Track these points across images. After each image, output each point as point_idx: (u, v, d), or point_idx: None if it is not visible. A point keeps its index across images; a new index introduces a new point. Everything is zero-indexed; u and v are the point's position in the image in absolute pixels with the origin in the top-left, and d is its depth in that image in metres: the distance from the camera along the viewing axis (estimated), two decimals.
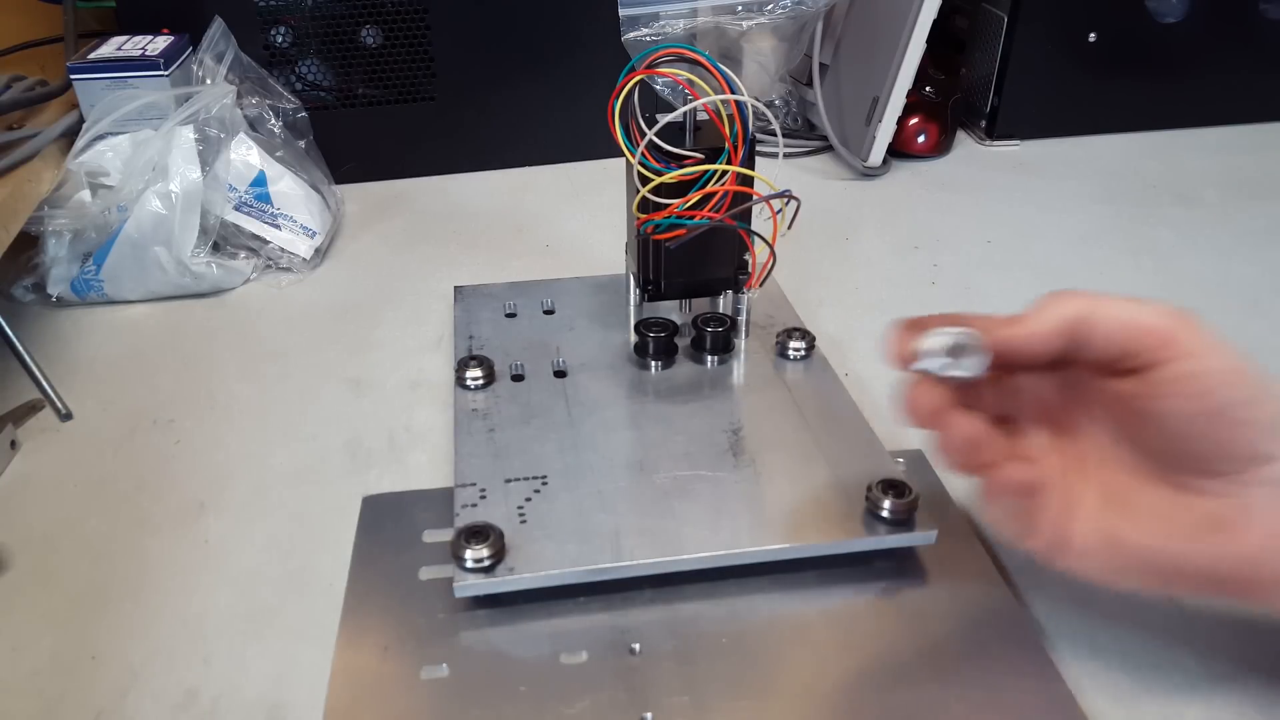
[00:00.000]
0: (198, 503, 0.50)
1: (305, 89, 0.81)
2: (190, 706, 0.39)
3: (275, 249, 0.70)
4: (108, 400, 0.58)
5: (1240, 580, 0.34)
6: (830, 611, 0.42)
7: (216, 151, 0.67)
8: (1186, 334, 0.34)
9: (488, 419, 0.50)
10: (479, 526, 0.42)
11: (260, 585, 0.45)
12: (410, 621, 0.41)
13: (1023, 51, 0.89)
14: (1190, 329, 0.34)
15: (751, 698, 0.38)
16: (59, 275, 0.66)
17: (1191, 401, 0.34)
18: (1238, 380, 0.33)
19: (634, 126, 0.48)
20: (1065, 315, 0.35)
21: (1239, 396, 0.33)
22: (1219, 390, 0.33)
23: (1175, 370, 0.33)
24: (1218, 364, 0.33)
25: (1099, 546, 0.36)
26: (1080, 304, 0.35)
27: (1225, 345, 0.34)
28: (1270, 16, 0.91)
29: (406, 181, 0.86)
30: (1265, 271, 0.70)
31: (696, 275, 0.54)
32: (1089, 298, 0.35)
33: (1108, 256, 0.73)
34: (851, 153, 0.86)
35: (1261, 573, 0.34)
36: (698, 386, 0.53)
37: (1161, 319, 0.34)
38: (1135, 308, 0.34)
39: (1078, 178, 0.86)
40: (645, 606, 0.42)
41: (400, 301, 0.68)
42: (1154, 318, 0.34)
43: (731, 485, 0.46)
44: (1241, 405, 0.33)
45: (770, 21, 0.85)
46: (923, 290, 0.68)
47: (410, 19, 0.81)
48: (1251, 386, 0.33)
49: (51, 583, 0.45)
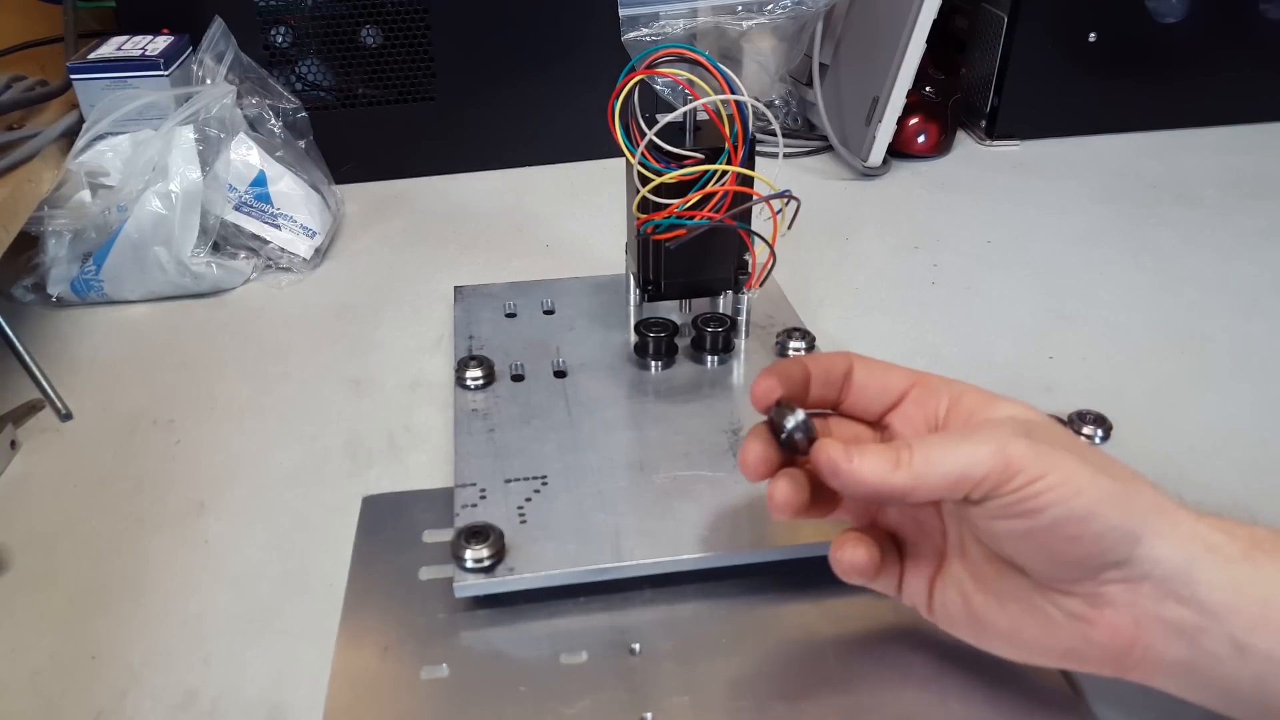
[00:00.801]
0: (198, 503, 0.50)
1: (305, 89, 0.81)
2: (190, 707, 0.39)
3: (275, 249, 0.70)
4: (108, 400, 0.58)
5: (1104, 662, 0.34)
6: (830, 611, 0.42)
7: (216, 151, 0.67)
8: (1011, 467, 0.32)
9: (488, 419, 0.50)
10: (479, 526, 0.42)
11: (260, 585, 0.45)
12: (410, 621, 0.41)
13: (1023, 51, 0.89)
14: (1016, 455, 0.32)
15: (751, 698, 0.38)
16: (59, 275, 0.66)
17: (1016, 523, 0.32)
18: (1066, 497, 0.32)
19: (634, 126, 0.48)
20: (902, 483, 0.33)
21: (1069, 513, 0.32)
22: (1044, 511, 0.32)
23: (1000, 501, 0.32)
24: (1047, 484, 0.32)
25: (961, 616, 0.36)
26: (911, 471, 0.33)
27: (1056, 459, 0.32)
28: (1270, 16, 0.91)
29: (406, 181, 0.86)
30: (1265, 271, 0.70)
31: (696, 275, 0.54)
32: (917, 456, 0.33)
33: (1108, 256, 0.73)
34: (851, 153, 0.86)
35: (1126, 658, 0.33)
36: (698, 386, 0.53)
37: (982, 465, 0.32)
38: (958, 456, 0.32)
39: (1078, 178, 0.86)
40: (645, 606, 0.42)
41: (400, 301, 0.68)
42: (977, 468, 0.32)
43: (731, 485, 0.46)
44: (1072, 522, 0.32)
45: (770, 21, 0.84)
46: (923, 290, 0.68)
47: (410, 19, 0.81)
48: (1082, 501, 0.32)
49: (51, 583, 0.45)
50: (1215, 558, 0.32)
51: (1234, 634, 0.32)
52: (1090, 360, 0.60)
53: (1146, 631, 0.33)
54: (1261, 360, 0.60)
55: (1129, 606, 0.33)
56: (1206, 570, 0.32)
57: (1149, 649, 0.33)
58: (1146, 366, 0.60)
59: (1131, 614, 0.33)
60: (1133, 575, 0.33)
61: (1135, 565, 0.32)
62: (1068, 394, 0.57)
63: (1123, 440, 0.52)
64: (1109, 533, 0.32)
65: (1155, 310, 0.66)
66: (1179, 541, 0.32)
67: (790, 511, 0.36)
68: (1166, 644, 0.33)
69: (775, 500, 0.36)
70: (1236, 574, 0.32)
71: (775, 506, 0.36)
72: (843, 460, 0.34)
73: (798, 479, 0.36)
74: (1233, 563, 0.32)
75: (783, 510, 0.36)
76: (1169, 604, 0.32)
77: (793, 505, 0.36)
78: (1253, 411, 0.56)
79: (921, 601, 0.37)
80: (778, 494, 0.36)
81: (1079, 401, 0.54)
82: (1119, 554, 0.32)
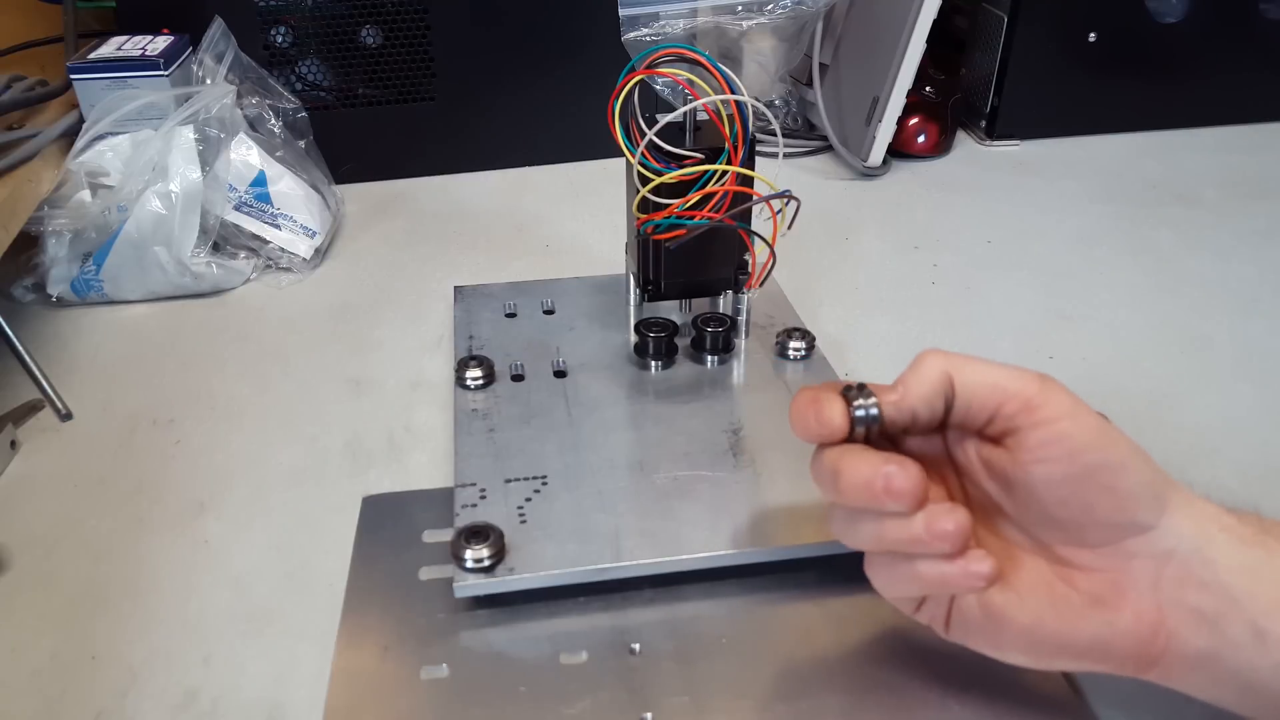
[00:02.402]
0: (198, 503, 0.50)
1: (305, 89, 0.81)
2: (190, 707, 0.39)
3: (275, 249, 0.70)
4: (108, 400, 0.58)
5: (1126, 656, 0.33)
6: (830, 611, 0.42)
7: (216, 151, 0.67)
8: (1048, 398, 0.33)
9: (488, 419, 0.50)
10: (479, 526, 0.42)
11: (260, 585, 0.45)
12: (410, 621, 0.41)
13: (1023, 51, 0.89)
14: (1052, 393, 0.33)
15: (751, 698, 0.38)
16: (59, 275, 0.66)
17: (1056, 466, 0.33)
18: (1104, 444, 0.32)
19: (634, 126, 0.48)
20: (935, 377, 0.34)
21: (1105, 460, 0.32)
22: (1083, 454, 0.32)
23: (1039, 435, 0.33)
24: (1081, 427, 0.32)
25: (980, 621, 0.35)
26: (949, 364, 0.34)
27: (1089, 410, 0.33)
28: (1270, 16, 0.91)
29: (406, 181, 0.86)
30: (1265, 271, 0.70)
31: (696, 275, 0.54)
32: (953, 359, 0.34)
33: (1108, 256, 0.73)
34: (851, 153, 0.86)
35: (1149, 650, 0.33)
36: (698, 386, 0.53)
37: (1021, 383, 0.33)
38: (996, 371, 0.34)
39: (1078, 178, 0.86)
40: (645, 606, 0.42)
41: (400, 301, 0.68)
42: (1014, 381, 0.33)
43: (731, 485, 0.46)
44: (1108, 470, 0.32)
45: (770, 21, 0.84)
46: (923, 290, 0.68)
47: (410, 19, 0.81)
48: (1118, 451, 0.33)
49: (51, 583, 0.45)
50: (1230, 538, 0.33)
51: (1255, 620, 0.32)
52: (1090, 360, 0.60)
53: (1170, 618, 0.33)
54: (1261, 360, 0.60)
55: (1152, 590, 0.33)
56: (1223, 550, 0.32)
57: (1172, 637, 0.33)
58: (1146, 366, 0.60)
59: (1154, 598, 0.33)
60: (1156, 549, 0.33)
61: (1160, 537, 0.33)
62: None
63: None
64: (1141, 489, 0.33)
65: (1155, 310, 0.66)
66: (1195, 518, 0.33)
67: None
68: (1190, 632, 0.33)
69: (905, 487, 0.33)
70: (1252, 557, 0.32)
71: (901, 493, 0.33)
72: (888, 394, 0.35)
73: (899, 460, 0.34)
74: (1247, 545, 0.32)
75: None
76: (1190, 587, 0.32)
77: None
78: (1253, 411, 0.56)
79: (940, 615, 0.36)
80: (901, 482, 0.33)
81: None
82: (1147, 516, 0.33)
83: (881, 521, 0.34)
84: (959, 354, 0.35)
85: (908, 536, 0.33)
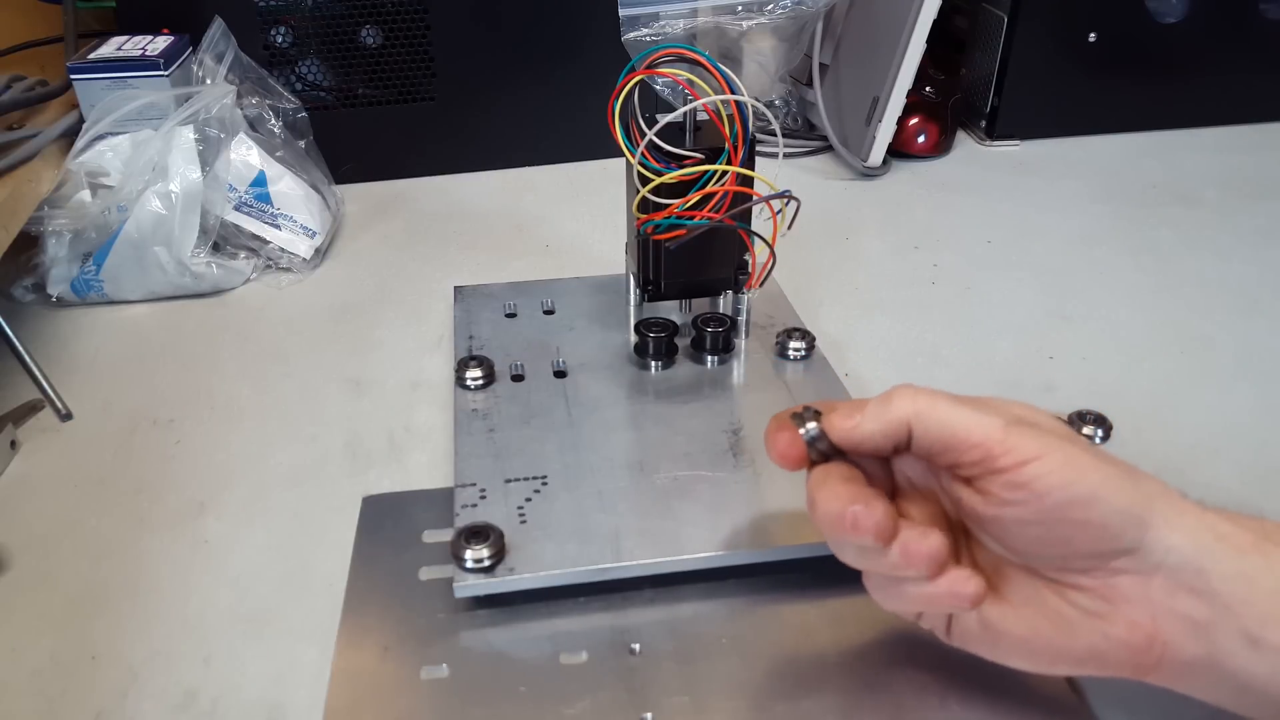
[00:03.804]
0: (198, 503, 0.50)
1: (305, 89, 0.81)
2: (190, 707, 0.39)
3: (275, 249, 0.70)
4: (108, 400, 0.58)
5: (1124, 663, 0.34)
6: (829, 611, 0.42)
7: (216, 151, 0.67)
8: (1012, 445, 0.32)
9: (488, 419, 0.50)
10: (479, 526, 0.42)
11: (260, 585, 0.45)
12: (410, 621, 0.41)
13: (1023, 51, 0.89)
14: (1018, 438, 0.32)
15: (751, 698, 0.38)
16: (59, 275, 0.66)
17: (1024, 508, 0.32)
18: (1070, 481, 0.32)
19: (634, 126, 0.48)
20: (894, 418, 0.34)
21: (1073, 497, 0.32)
22: (1049, 494, 0.32)
23: (1002, 480, 0.32)
24: (1048, 468, 0.32)
25: (978, 632, 0.35)
26: (914, 406, 0.34)
27: (1060, 443, 0.32)
28: (1270, 16, 0.91)
29: (406, 181, 0.86)
30: (1265, 271, 0.70)
31: (696, 275, 0.54)
32: (921, 399, 0.34)
33: (1108, 256, 0.73)
34: (851, 153, 0.86)
35: (1146, 657, 0.33)
36: (698, 387, 0.53)
37: (983, 432, 0.33)
38: (961, 418, 0.33)
39: (1078, 178, 0.86)
40: (645, 606, 0.42)
41: (400, 301, 0.68)
42: (976, 431, 0.33)
43: (731, 485, 0.46)
44: (1078, 505, 0.32)
45: (770, 21, 0.84)
46: (923, 290, 0.68)
47: (410, 19, 0.81)
48: (1087, 485, 0.32)
49: (51, 583, 0.45)
50: (1226, 547, 0.32)
51: (1247, 628, 0.31)
52: (1090, 360, 0.60)
53: (1163, 627, 0.33)
54: (1261, 360, 0.60)
55: (1144, 601, 0.33)
56: (1218, 560, 0.32)
57: (1167, 645, 0.33)
58: (1146, 366, 0.60)
59: (1147, 609, 0.33)
60: (1144, 566, 0.33)
61: (1146, 554, 0.32)
62: (1068, 394, 0.57)
63: (1123, 440, 0.52)
64: (1115, 516, 0.32)
65: (1155, 310, 0.66)
66: (1188, 530, 0.32)
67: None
68: (1183, 640, 0.33)
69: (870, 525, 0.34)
70: (1248, 565, 0.32)
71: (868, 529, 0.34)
72: (843, 421, 0.35)
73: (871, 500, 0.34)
74: (1244, 553, 0.32)
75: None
76: (1181, 596, 0.32)
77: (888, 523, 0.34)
78: (1253, 411, 0.56)
79: (940, 625, 0.36)
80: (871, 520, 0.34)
81: (1079, 401, 0.54)
82: (1128, 540, 0.32)
83: (862, 549, 0.34)
84: (931, 393, 0.34)
85: (887, 563, 0.34)
